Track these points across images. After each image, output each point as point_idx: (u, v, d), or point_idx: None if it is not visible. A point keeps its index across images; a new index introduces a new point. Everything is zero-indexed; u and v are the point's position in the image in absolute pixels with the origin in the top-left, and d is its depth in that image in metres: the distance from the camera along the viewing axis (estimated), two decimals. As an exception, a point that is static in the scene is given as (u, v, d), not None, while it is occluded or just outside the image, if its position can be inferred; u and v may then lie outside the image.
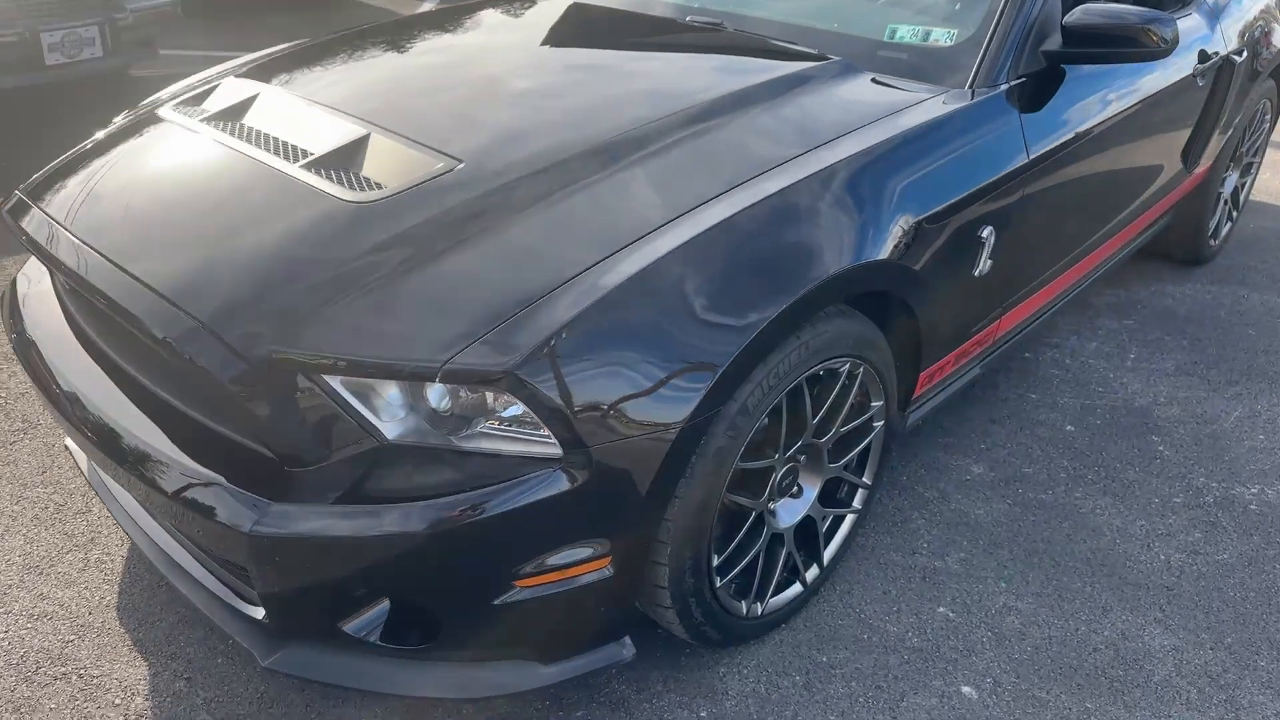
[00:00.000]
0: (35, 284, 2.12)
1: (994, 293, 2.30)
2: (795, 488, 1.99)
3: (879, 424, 2.07)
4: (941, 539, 2.35)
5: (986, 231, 2.12)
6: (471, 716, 1.83)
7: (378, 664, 1.64)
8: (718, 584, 1.80)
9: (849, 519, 2.14)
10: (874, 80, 2.21)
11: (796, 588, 2.05)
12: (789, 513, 1.98)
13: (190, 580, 1.79)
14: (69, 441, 2.21)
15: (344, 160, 1.79)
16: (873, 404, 2.03)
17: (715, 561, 1.77)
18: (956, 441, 2.73)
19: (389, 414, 1.52)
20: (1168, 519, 2.45)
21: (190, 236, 1.66)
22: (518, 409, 1.50)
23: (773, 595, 2.00)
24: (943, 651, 2.04)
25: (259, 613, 1.64)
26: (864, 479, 2.13)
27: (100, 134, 2.14)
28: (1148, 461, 2.66)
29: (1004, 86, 2.20)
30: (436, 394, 1.50)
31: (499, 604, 1.55)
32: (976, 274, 2.16)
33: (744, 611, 1.91)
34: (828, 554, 2.10)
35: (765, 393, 1.69)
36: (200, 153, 1.89)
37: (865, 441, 2.07)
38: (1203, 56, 2.96)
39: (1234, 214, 3.97)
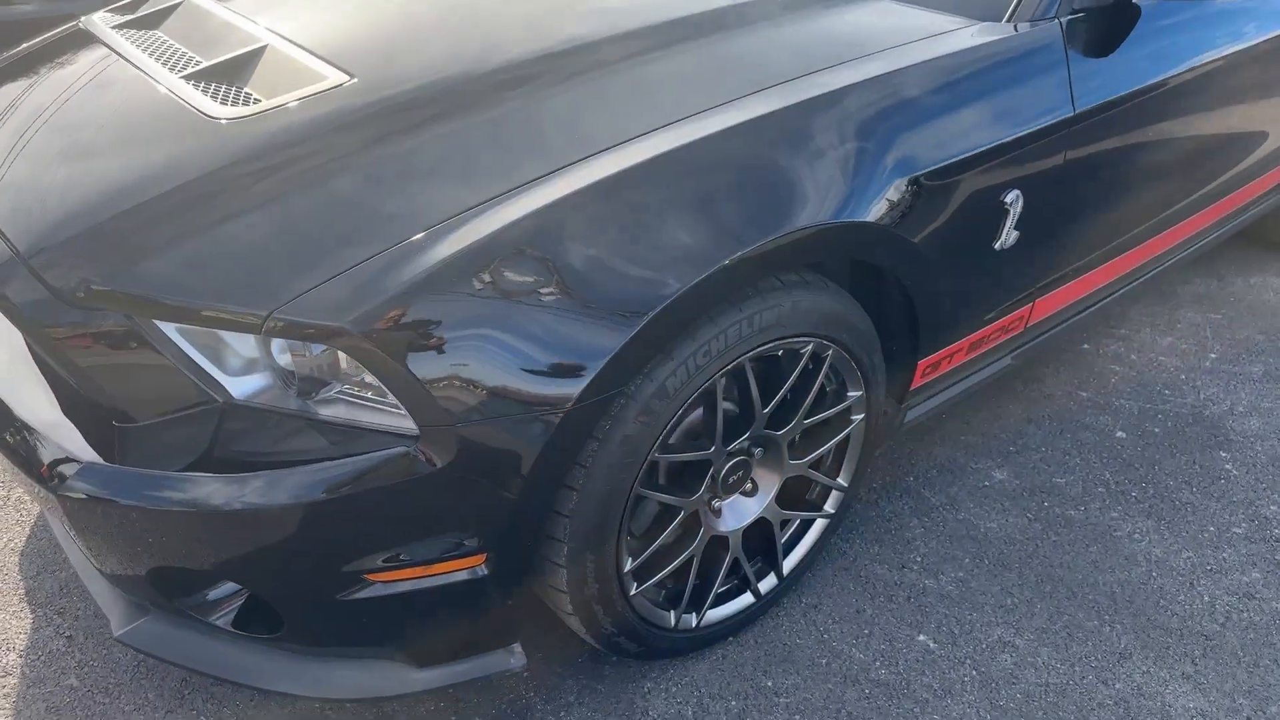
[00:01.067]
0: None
1: (1022, 272, 1.94)
2: (749, 484, 1.71)
3: (858, 418, 1.76)
4: (939, 553, 2.03)
5: (1011, 196, 1.76)
6: (358, 714, 1.64)
7: (233, 650, 1.46)
8: (632, 591, 1.55)
9: (818, 524, 1.85)
10: (893, 2, 1.86)
11: (747, 598, 1.77)
12: (736, 514, 1.70)
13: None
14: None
15: (229, 72, 1.57)
16: (850, 394, 1.72)
17: (628, 566, 1.51)
18: (982, 441, 2.38)
19: (234, 370, 1.31)
20: (1221, 553, 2.06)
21: (43, 153, 1.48)
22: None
23: (715, 606, 1.73)
24: (913, 689, 1.74)
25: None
26: (839, 479, 1.83)
27: (26, 44, 1.99)
28: (1210, 482, 2.26)
29: (1053, 22, 1.82)
30: (279, 349, 1.28)
31: (349, 599, 1.34)
32: (997, 247, 1.81)
33: (672, 623, 1.65)
34: (789, 563, 1.82)
35: (692, 373, 1.42)
36: (91, 63, 1.70)
37: (840, 437, 1.76)
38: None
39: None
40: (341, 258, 1.25)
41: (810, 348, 1.58)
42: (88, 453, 1.33)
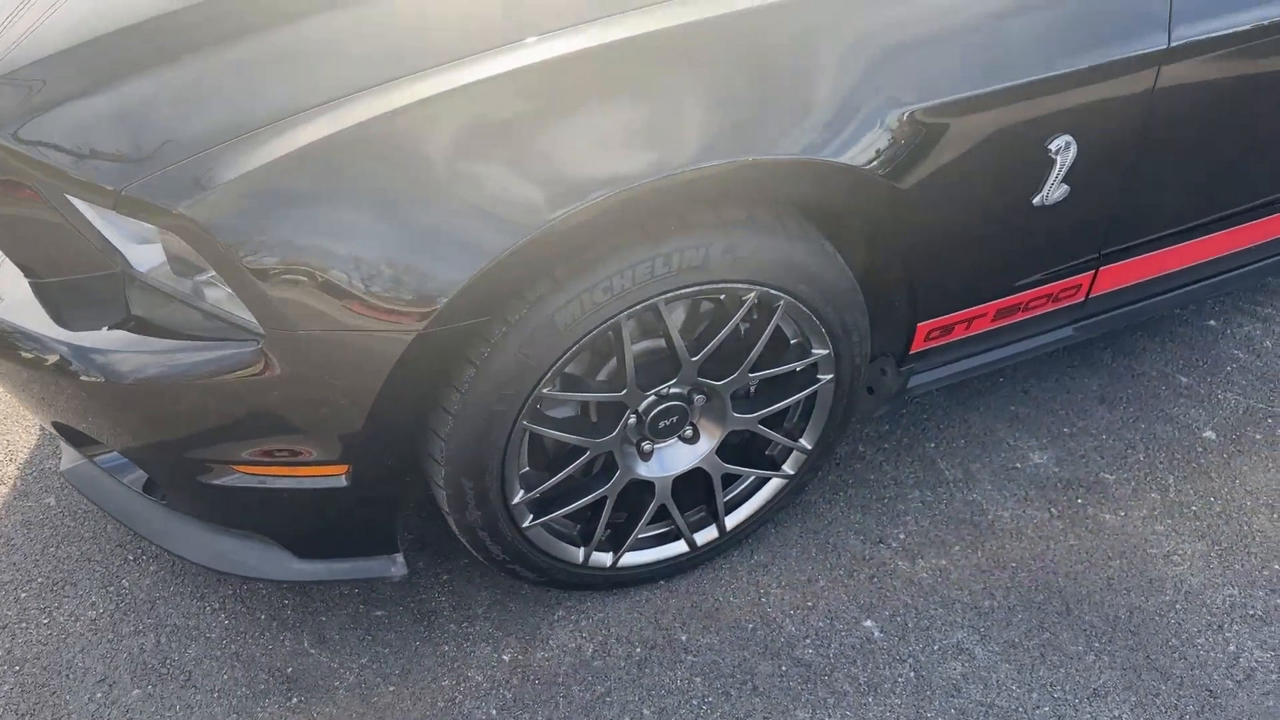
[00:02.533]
0: None
1: (1073, 234, 1.62)
2: (688, 431, 1.57)
3: (826, 378, 1.56)
4: (928, 534, 1.82)
5: (1059, 144, 1.44)
6: (260, 590, 1.69)
7: (145, 507, 1.52)
8: (526, 522, 1.47)
9: (774, 483, 1.68)
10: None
11: (681, 546, 1.66)
12: (665, 461, 1.57)
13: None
14: None
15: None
16: (815, 351, 1.52)
17: (518, 497, 1.44)
18: (1034, 415, 2.08)
19: (135, 241, 1.30)
20: (1276, 598, 1.72)
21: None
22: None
23: (640, 549, 1.64)
24: (835, 678, 1.59)
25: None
26: (801, 441, 1.64)
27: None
28: (1300, 510, 1.88)
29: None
30: (136, 228, 1.25)
31: (214, 484, 1.35)
32: (1037, 202, 1.50)
33: (580, 560, 1.57)
34: (733, 519, 1.68)
35: (588, 310, 1.28)
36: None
37: (801, 396, 1.57)
38: None
39: None
40: (202, 137, 1.18)
41: (752, 296, 1.39)
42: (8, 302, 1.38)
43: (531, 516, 1.48)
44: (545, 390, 1.33)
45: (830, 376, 1.56)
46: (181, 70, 1.29)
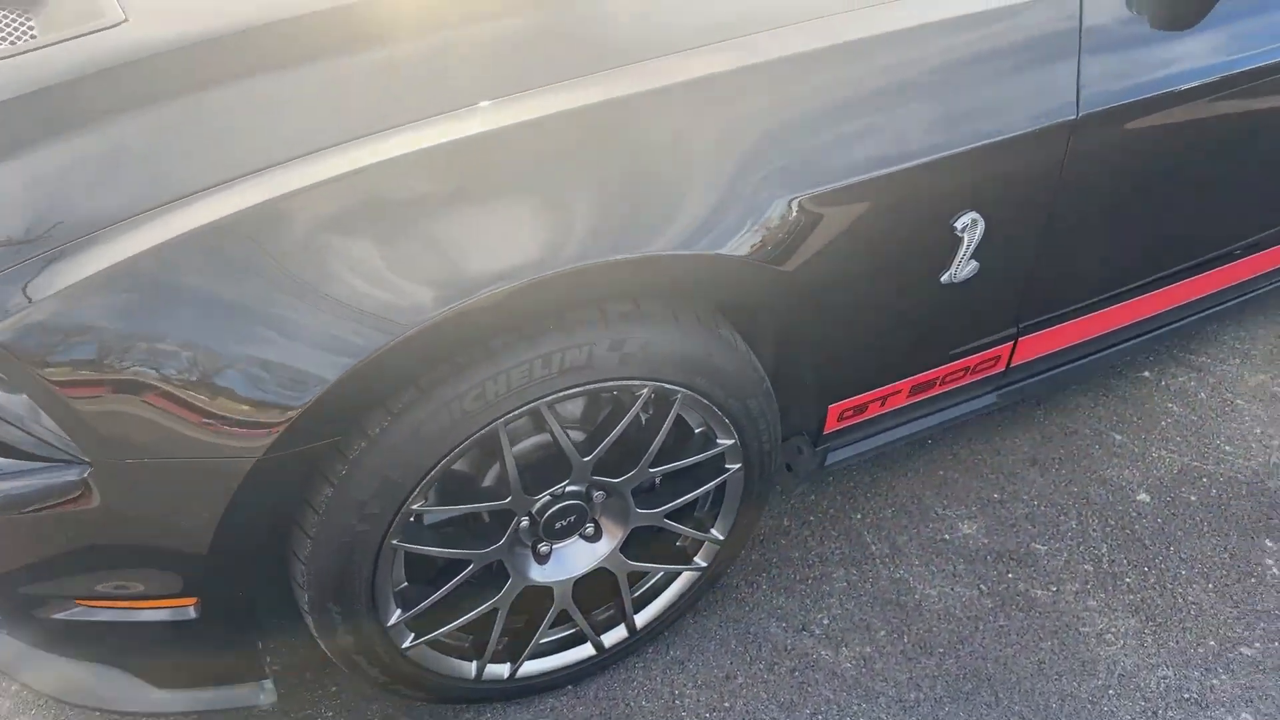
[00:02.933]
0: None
1: (986, 308, 1.54)
2: (589, 529, 1.46)
3: (734, 467, 1.46)
4: (853, 618, 1.73)
5: (965, 221, 1.37)
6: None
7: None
8: (406, 643, 1.35)
9: (684, 578, 1.58)
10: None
11: (588, 649, 1.55)
12: (564, 562, 1.46)
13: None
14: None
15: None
16: (720, 441, 1.43)
17: (394, 618, 1.32)
18: (962, 481, 2.01)
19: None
20: (1213, 679, 1.65)
21: None
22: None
23: (542, 656, 1.52)
24: (752, 788, 1.49)
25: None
26: (713, 531, 1.55)
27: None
28: (1235, 580, 1.82)
29: (1071, -13, 1.37)
30: None
31: (58, 619, 1.22)
32: (946, 280, 1.43)
33: (473, 674, 1.45)
34: (644, 616, 1.57)
35: (458, 419, 1.17)
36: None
37: (709, 487, 1.47)
38: None
39: None
40: (29, 238, 1.06)
41: (645, 392, 1.29)
42: None
43: (412, 636, 1.36)
44: (415, 506, 1.22)
45: (738, 465, 1.46)
46: (51, 153, 1.16)
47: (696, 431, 1.43)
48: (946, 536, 1.89)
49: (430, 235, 1.10)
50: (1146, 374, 2.30)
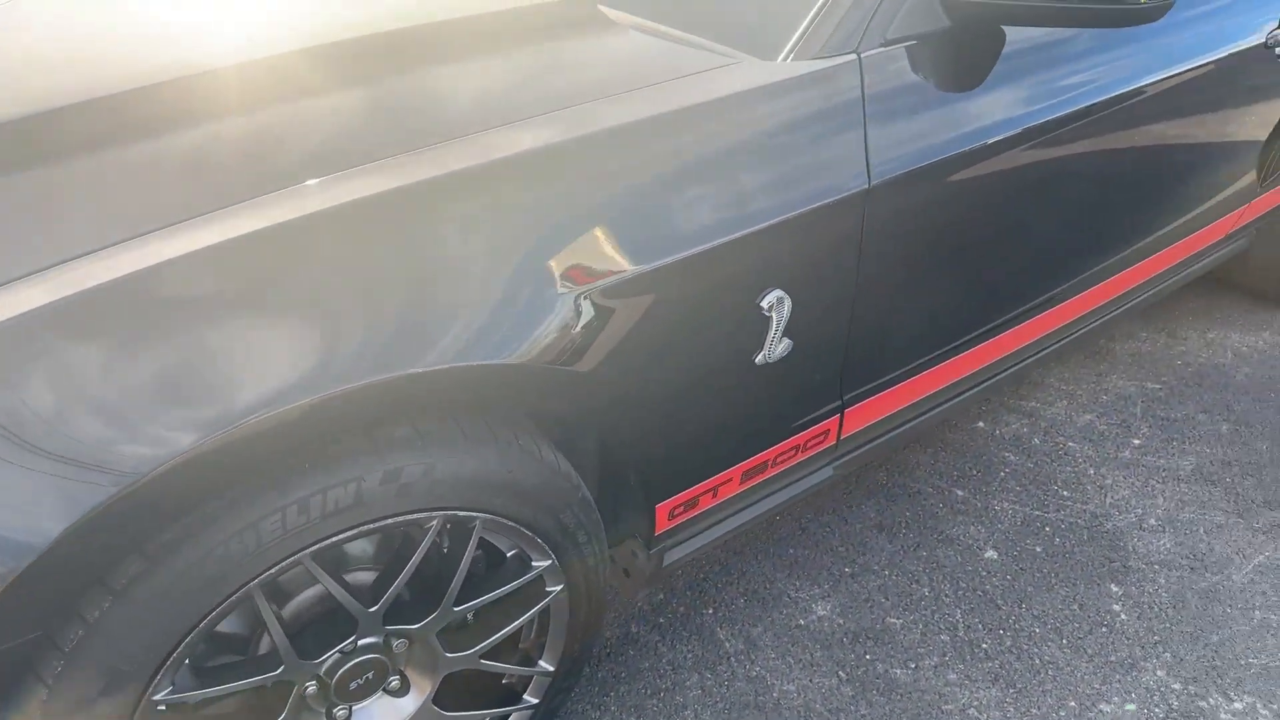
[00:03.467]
0: None
1: (809, 384, 1.48)
2: (394, 681, 1.28)
3: (555, 589, 1.32)
4: (709, 730, 1.60)
5: (771, 300, 1.29)
6: None
7: None
8: None
9: (516, 718, 1.42)
10: (639, 32, 1.39)
11: (410, 813, 1.36)
12: (369, 724, 1.27)
13: None
14: None
15: None
16: (535, 564, 1.28)
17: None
18: (812, 558, 1.92)
19: None
20: (1077, 743, 1.60)
21: None
22: None
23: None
24: None
25: None
26: (542, 664, 1.39)
27: None
28: (1087, 631, 1.79)
29: (851, 59, 1.33)
30: None
31: None
32: (760, 361, 1.34)
33: None
34: (473, 766, 1.39)
35: (200, 588, 0.98)
36: None
37: (531, 614, 1.32)
38: (1293, 15, 1.94)
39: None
40: None
41: (436, 523, 1.14)
42: None
43: (184, 838, 1.14)
44: (158, 697, 1.01)
45: (560, 587, 1.32)
46: None
47: (509, 555, 1.28)
48: (801, 621, 1.79)
49: (152, 365, 0.93)
50: (981, 424, 2.30)
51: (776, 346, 1.34)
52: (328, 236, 1.01)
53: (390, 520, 1.09)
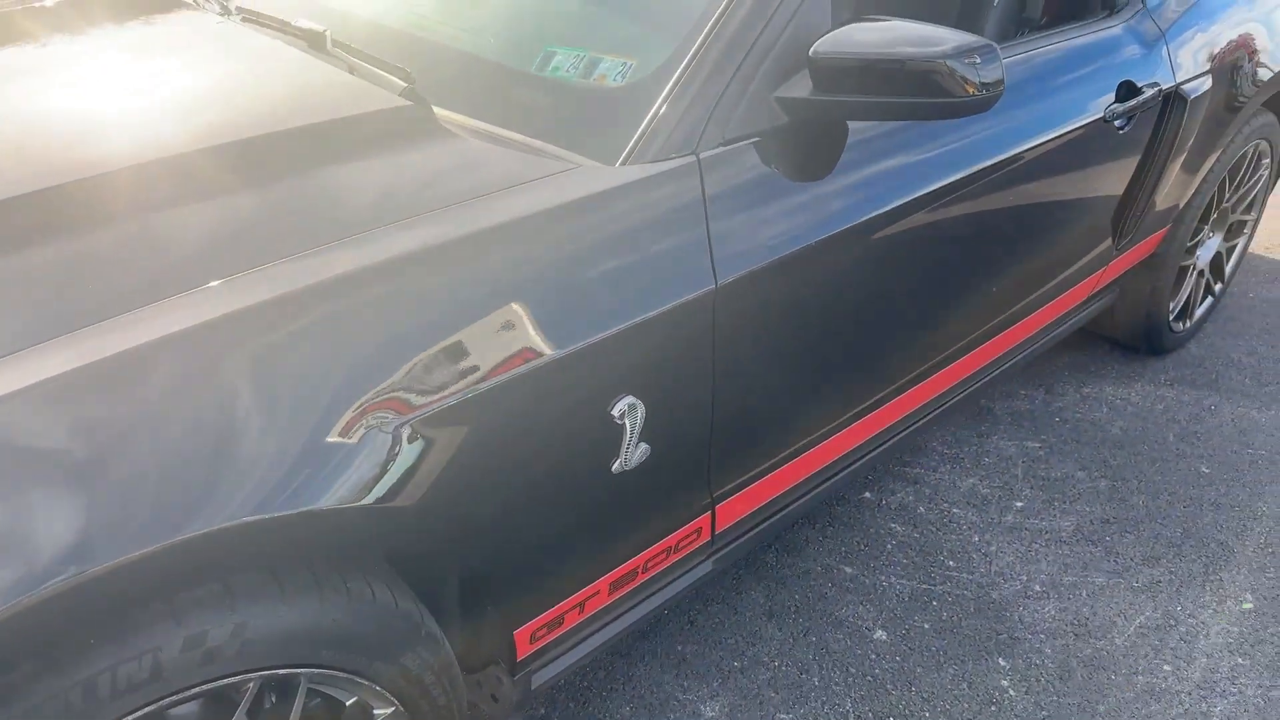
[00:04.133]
0: None
1: (675, 486, 1.43)
2: None
3: (405, 733, 1.22)
4: None
5: (622, 407, 1.24)
6: None
7: None
8: None
9: None
10: (475, 138, 1.34)
11: None
12: None
13: None
14: None
15: None
16: (377, 712, 1.18)
17: None
18: (703, 650, 1.86)
19: None
20: (970, 836, 1.56)
21: None
22: None
23: None
24: None
25: None
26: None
27: None
28: (977, 712, 1.76)
29: (690, 159, 1.30)
30: None
31: None
32: (618, 469, 1.29)
33: None
34: None
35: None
36: None
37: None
38: (1128, 90, 2.01)
39: (1216, 287, 2.98)
40: None
41: (253, 687, 1.03)
42: None
43: None
44: None
45: (409, 730, 1.22)
46: None
47: (348, 705, 1.18)
48: (689, 726, 1.72)
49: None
50: (868, 494, 2.29)
51: (634, 453, 1.29)
52: (111, 384, 0.92)
53: (198, 689, 0.98)
